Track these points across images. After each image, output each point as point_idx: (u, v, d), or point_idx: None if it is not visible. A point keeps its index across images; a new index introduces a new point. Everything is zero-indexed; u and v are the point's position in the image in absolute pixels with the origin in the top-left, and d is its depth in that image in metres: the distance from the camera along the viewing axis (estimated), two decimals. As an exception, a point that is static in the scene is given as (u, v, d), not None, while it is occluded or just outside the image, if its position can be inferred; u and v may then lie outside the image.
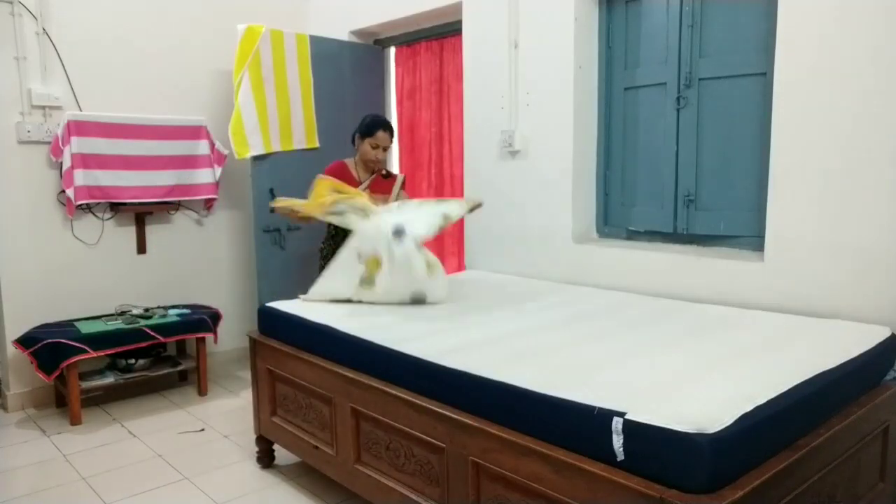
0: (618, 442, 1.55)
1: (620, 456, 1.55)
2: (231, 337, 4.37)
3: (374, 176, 3.34)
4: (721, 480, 1.46)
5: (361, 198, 2.82)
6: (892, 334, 2.23)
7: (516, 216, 3.51)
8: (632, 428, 1.53)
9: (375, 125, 3.18)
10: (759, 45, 2.71)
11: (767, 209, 2.59)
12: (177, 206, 4.21)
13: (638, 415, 1.54)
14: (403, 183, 3.50)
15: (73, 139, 3.67)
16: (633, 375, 1.83)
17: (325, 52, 4.16)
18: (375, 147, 3.19)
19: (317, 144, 4.16)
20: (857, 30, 2.32)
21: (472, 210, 3.01)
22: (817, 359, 1.93)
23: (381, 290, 2.72)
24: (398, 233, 2.66)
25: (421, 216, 2.78)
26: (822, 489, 1.74)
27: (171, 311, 3.96)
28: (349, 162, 3.35)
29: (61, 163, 3.71)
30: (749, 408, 1.56)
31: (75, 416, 3.52)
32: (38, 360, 3.44)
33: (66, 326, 3.65)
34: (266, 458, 3.01)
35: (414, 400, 2.08)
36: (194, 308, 4.10)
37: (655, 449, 1.49)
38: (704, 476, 1.43)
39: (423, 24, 4.16)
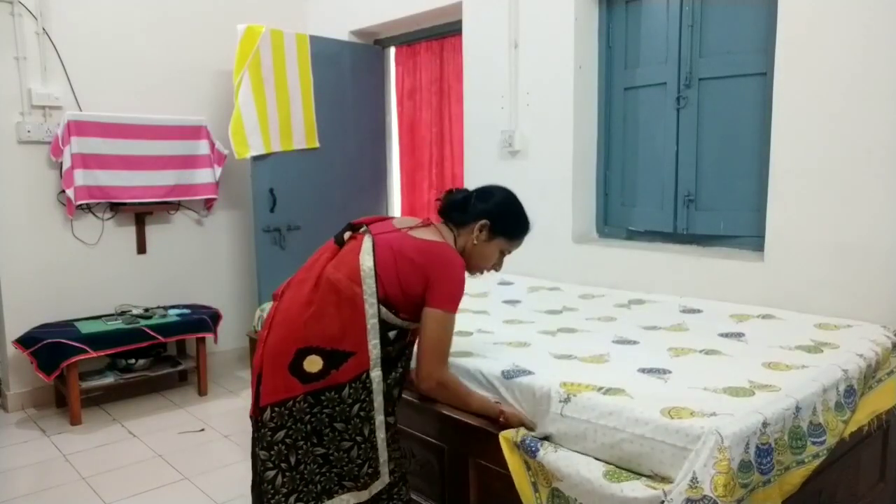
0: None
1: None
2: (231, 337, 4.36)
3: None
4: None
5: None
6: (892, 334, 2.23)
7: (516, 216, 3.50)
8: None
9: (525, 228, 2.00)
10: (759, 45, 2.71)
11: (767, 209, 2.59)
12: (177, 206, 4.21)
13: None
14: None
15: (73, 139, 3.67)
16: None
17: (325, 52, 4.15)
18: (503, 253, 2.02)
19: (317, 144, 4.16)
20: (856, 30, 2.32)
21: None
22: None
23: None
24: None
25: None
26: (822, 489, 1.74)
27: (171, 311, 3.96)
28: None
29: (61, 163, 3.71)
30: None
31: (75, 416, 3.52)
32: (38, 360, 3.44)
33: (66, 326, 3.65)
34: (266, 458, 3.00)
35: (414, 400, 2.08)
36: (194, 308, 4.09)
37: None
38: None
39: (423, 24, 4.16)
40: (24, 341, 3.53)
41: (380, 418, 1.76)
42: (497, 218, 1.91)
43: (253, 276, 4.21)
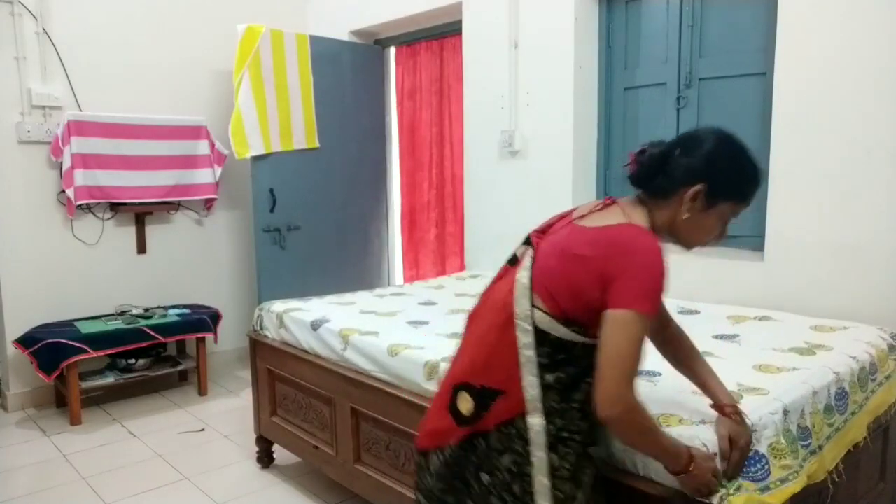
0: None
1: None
2: (231, 337, 4.37)
3: None
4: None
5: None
6: (892, 334, 2.22)
7: (516, 216, 3.51)
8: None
9: (756, 181, 1.41)
10: (759, 45, 2.71)
11: (767, 209, 2.59)
12: (177, 206, 4.21)
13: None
14: None
15: (73, 139, 3.67)
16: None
17: (325, 52, 4.15)
18: (731, 219, 1.45)
19: (317, 144, 4.16)
20: (857, 30, 2.32)
21: None
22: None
23: None
24: None
25: None
26: (821, 489, 1.74)
27: (171, 311, 3.96)
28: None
29: (61, 163, 3.71)
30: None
31: (75, 416, 3.52)
32: (38, 360, 3.44)
33: (66, 326, 3.65)
34: (266, 458, 3.01)
35: (414, 400, 2.08)
36: (194, 308, 4.10)
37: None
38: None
39: (423, 24, 4.16)
40: (24, 341, 3.53)
41: (542, 481, 1.35)
42: (714, 176, 1.35)
43: (253, 276, 4.21)
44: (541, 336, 1.36)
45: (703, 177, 1.35)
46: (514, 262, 1.50)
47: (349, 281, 4.15)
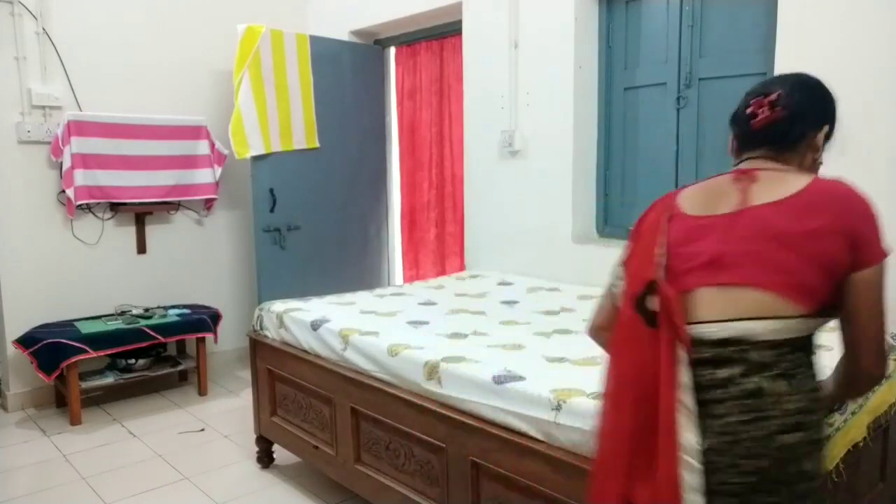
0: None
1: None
2: (231, 337, 4.36)
3: None
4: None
5: None
6: (892, 334, 2.22)
7: (516, 216, 3.51)
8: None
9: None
10: (759, 45, 2.71)
11: (767, 209, 2.59)
12: (177, 206, 4.21)
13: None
14: None
15: (73, 139, 3.67)
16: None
17: (325, 52, 4.15)
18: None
19: (317, 144, 4.16)
20: (857, 30, 2.32)
21: None
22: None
23: None
24: None
25: None
26: (821, 489, 1.74)
27: (171, 311, 3.96)
28: None
29: (61, 163, 3.71)
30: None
31: (75, 416, 3.52)
32: (38, 360, 3.44)
33: (66, 326, 3.65)
34: (266, 458, 3.01)
35: (414, 400, 2.08)
36: (194, 308, 4.10)
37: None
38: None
39: (423, 24, 4.16)
40: (24, 341, 3.53)
41: None
42: (832, 117, 1.39)
43: (253, 276, 4.21)
44: (795, 346, 1.26)
45: (826, 118, 1.34)
46: (652, 320, 1.20)
47: (349, 281, 4.15)
